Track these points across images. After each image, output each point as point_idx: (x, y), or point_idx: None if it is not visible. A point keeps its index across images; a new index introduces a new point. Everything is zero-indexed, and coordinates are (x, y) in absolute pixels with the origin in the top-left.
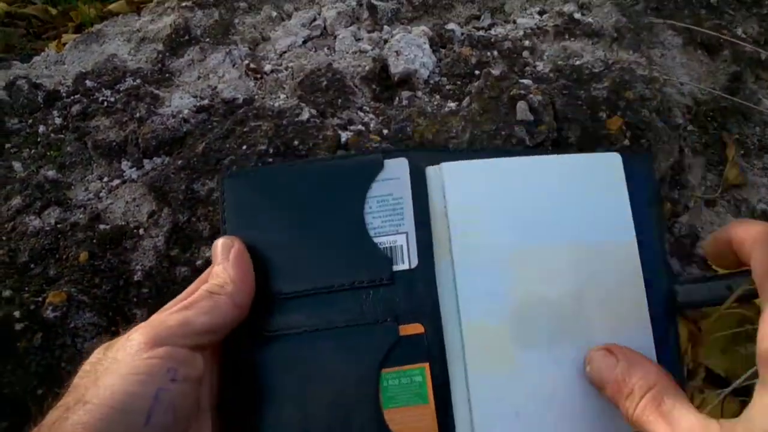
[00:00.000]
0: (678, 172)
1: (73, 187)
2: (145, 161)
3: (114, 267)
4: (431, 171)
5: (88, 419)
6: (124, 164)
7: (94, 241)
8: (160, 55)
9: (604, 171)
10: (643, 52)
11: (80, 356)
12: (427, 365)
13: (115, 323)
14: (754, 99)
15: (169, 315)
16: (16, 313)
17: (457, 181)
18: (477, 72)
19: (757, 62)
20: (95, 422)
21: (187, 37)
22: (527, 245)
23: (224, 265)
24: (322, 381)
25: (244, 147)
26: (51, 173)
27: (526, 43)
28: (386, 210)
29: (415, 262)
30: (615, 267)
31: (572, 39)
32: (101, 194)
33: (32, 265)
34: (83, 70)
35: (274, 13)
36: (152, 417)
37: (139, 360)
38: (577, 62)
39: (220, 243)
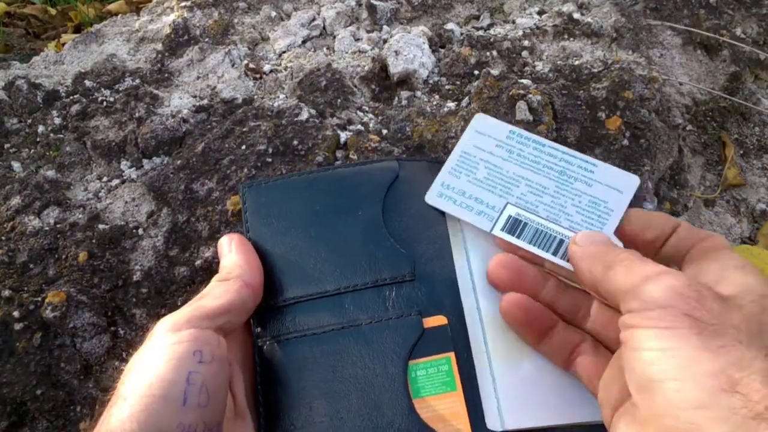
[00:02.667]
0: (677, 172)
1: (72, 187)
2: (145, 161)
3: (113, 267)
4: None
5: (130, 412)
6: (124, 164)
7: (94, 241)
8: (160, 55)
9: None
10: (642, 52)
11: (79, 356)
12: (452, 354)
13: (114, 323)
14: (753, 99)
15: (184, 308)
16: (15, 313)
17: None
18: (476, 72)
19: (756, 62)
20: (138, 414)
21: (186, 37)
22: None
23: (228, 256)
24: (352, 376)
25: (244, 147)
26: (50, 173)
27: (526, 43)
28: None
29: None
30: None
31: (571, 39)
32: (100, 194)
33: (31, 265)
34: (82, 70)
35: (274, 13)
36: (188, 399)
37: (167, 347)
38: (577, 62)
39: (221, 240)
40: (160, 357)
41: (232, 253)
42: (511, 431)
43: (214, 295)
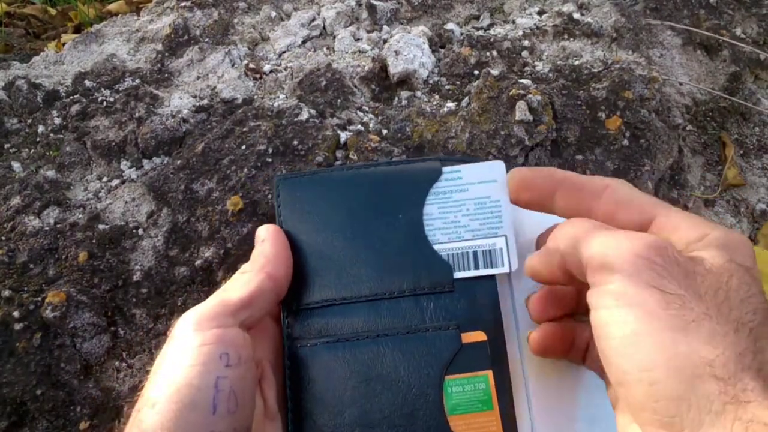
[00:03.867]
0: (677, 172)
1: (72, 187)
2: (145, 161)
3: (113, 267)
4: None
5: (161, 420)
6: (124, 164)
7: (94, 241)
8: (160, 55)
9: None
10: (642, 52)
11: (79, 356)
12: (490, 372)
13: (114, 323)
14: (753, 99)
15: (209, 302)
16: (16, 313)
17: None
18: (476, 72)
19: (756, 62)
20: (168, 422)
21: (186, 37)
22: None
23: (260, 246)
24: (384, 387)
25: (244, 147)
26: (50, 173)
27: (526, 43)
28: (483, 212)
29: (515, 265)
30: None
31: (571, 39)
32: (100, 194)
33: (31, 265)
34: (82, 70)
35: (274, 14)
36: (217, 407)
37: (192, 350)
38: (577, 62)
39: (259, 230)
40: (186, 360)
41: (263, 243)
42: None
43: (236, 286)
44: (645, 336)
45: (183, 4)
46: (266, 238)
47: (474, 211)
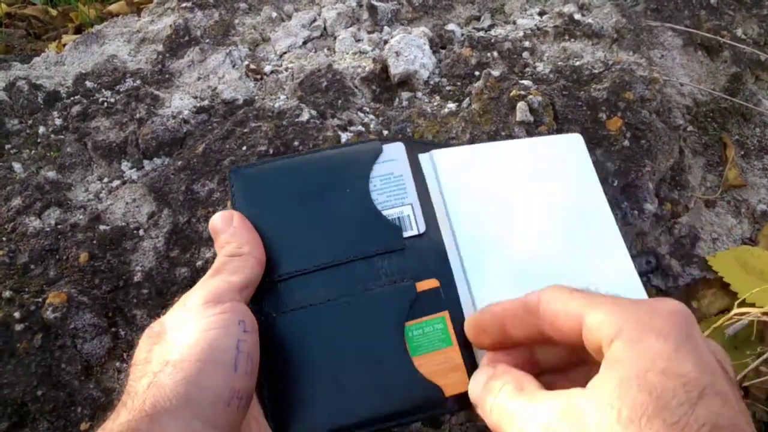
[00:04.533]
0: (678, 173)
1: (73, 188)
2: (145, 162)
3: (114, 268)
4: (423, 158)
5: (184, 375)
6: (124, 165)
7: (94, 241)
8: (160, 56)
9: (569, 147)
10: (643, 53)
11: (80, 357)
12: (446, 313)
13: (115, 324)
14: (753, 100)
15: (207, 281)
16: (16, 314)
17: (447, 163)
18: (477, 73)
19: (756, 63)
20: (192, 377)
21: (187, 38)
22: (516, 213)
23: (231, 231)
24: (352, 342)
25: (244, 148)
26: (51, 174)
27: (526, 44)
28: (390, 186)
29: (422, 228)
30: (595, 222)
31: (572, 40)
32: (101, 195)
33: (32, 266)
34: (83, 71)
35: (274, 14)
36: (238, 366)
37: (212, 317)
38: (577, 63)
39: (216, 217)
40: (206, 325)
41: (237, 229)
42: None
43: (232, 270)
44: None
45: (184, 4)
46: (237, 224)
47: (380, 186)
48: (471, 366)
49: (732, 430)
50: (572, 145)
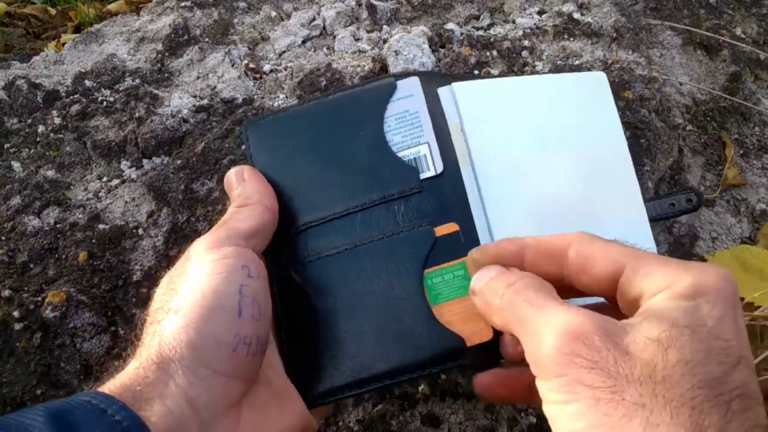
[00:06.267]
0: (677, 172)
1: (72, 187)
2: (145, 161)
3: (113, 267)
4: (443, 91)
5: (186, 322)
6: (124, 164)
7: (94, 240)
8: (160, 55)
9: (593, 86)
10: (642, 52)
11: (79, 356)
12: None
13: (114, 323)
14: (753, 99)
15: (213, 230)
16: (15, 313)
17: (468, 98)
18: (476, 72)
19: (756, 62)
20: (194, 324)
21: (186, 37)
22: (536, 152)
23: (242, 186)
24: (370, 291)
25: (244, 147)
26: (50, 173)
27: (526, 42)
28: (405, 125)
29: (440, 168)
30: (612, 169)
31: (571, 39)
32: (100, 194)
33: (31, 265)
34: (82, 70)
35: (274, 13)
36: (242, 310)
37: (213, 262)
38: (577, 62)
39: (230, 173)
40: (209, 270)
41: (246, 182)
42: None
43: (240, 218)
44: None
45: (183, 3)
46: (247, 177)
47: (396, 126)
48: None
49: (756, 400)
50: (595, 84)
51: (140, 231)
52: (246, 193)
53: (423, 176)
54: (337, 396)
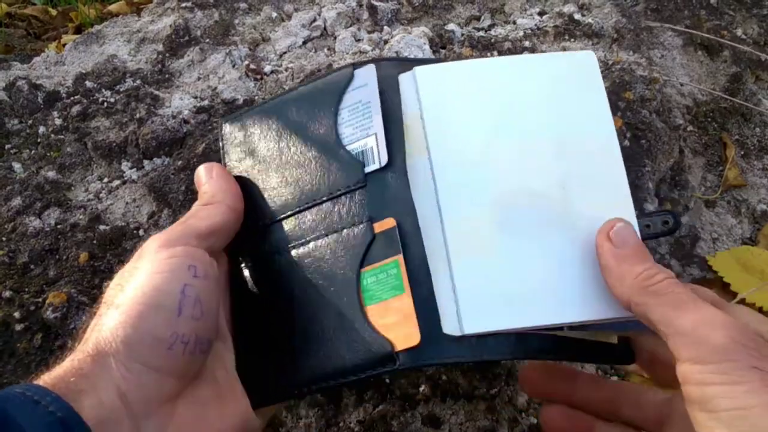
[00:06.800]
0: (678, 173)
1: (73, 188)
2: (145, 162)
3: (114, 268)
4: (404, 77)
5: (124, 318)
6: (124, 165)
7: (94, 241)
8: (160, 56)
9: (579, 67)
10: (643, 53)
11: None
12: (400, 257)
13: None
14: (754, 100)
15: (172, 228)
16: (16, 314)
17: (430, 83)
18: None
19: (756, 63)
20: (131, 320)
21: (187, 38)
22: (507, 139)
23: (209, 183)
24: (314, 291)
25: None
26: (51, 174)
27: (527, 43)
28: (357, 117)
29: (385, 160)
30: (597, 158)
31: (572, 40)
32: (101, 195)
33: (32, 266)
34: (83, 71)
35: (274, 14)
36: (183, 310)
37: (160, 260)
38: None
39: (200, 169)
40: (154, 269)
41: (213, 180)
42: (472, 335)
43: (200, 216)
44: (751, 410)
45: (184, 4)
46: (215, 175)
47: (348, 117)
48: (425, 317)
49: None
50: (582, 64)
51: (141, 232)
52: (211, 191)
53: (368, 170)
54: (279, 397)
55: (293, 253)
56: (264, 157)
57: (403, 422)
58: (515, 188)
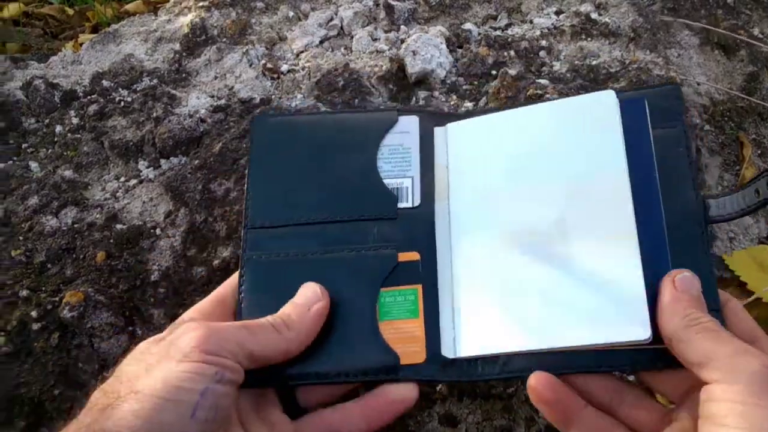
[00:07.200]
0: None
1: (89, 187)
2: (162, 161)
3: (131, 267)
4: (438, 131)
5: (139, 408)
6: (141, 164)
7: (111, 240)
8: (177, 55)
9: (598, 108)
10: (660, 52)
11: (97, 356)
12: (420, 287)
13: (132, 323)
14: None
15: (227, 328)
16: (33, 313)
17: (459, 137)
18: (494, 72)
19: None
20: (146, 412)
21: (203, 37)
22: (519, 184)
23: (303, 312)
24: (331, 296)
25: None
26: (68, 173)
27: (543, 43)
28: (396, 157)
29: (417, 202)
30: (603, 195)
31: (589, 39)
32: (118, 194)
33: (49, 265)
34: (100, 70)
35: (291, 13)
36: (197, 411)
37: (190, 361)
38: (594, 62)
39: (312, 288)
40: (183, 368)
41: (308, 315)
42: (463, 359)
43: (258, 338)
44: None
45: (201, 3)
46: (314, 312)
47: (388, 155)
48: (431, 341)
49: None
50: (601, 106)
51: (158, 231)
52: (295, 320)
53: (400, 206)
54: (279, 383)
55: (310, 257)
56: (294, 165)
57: (420, 421)
58: (519, 229)
